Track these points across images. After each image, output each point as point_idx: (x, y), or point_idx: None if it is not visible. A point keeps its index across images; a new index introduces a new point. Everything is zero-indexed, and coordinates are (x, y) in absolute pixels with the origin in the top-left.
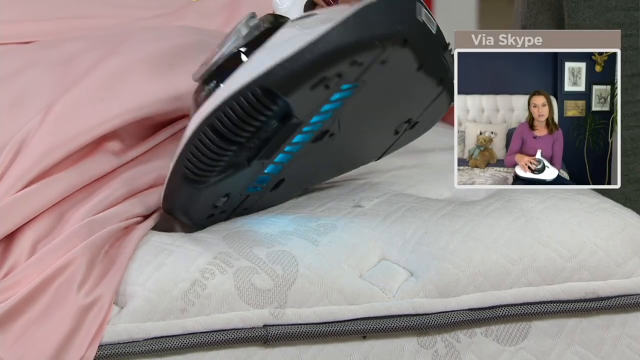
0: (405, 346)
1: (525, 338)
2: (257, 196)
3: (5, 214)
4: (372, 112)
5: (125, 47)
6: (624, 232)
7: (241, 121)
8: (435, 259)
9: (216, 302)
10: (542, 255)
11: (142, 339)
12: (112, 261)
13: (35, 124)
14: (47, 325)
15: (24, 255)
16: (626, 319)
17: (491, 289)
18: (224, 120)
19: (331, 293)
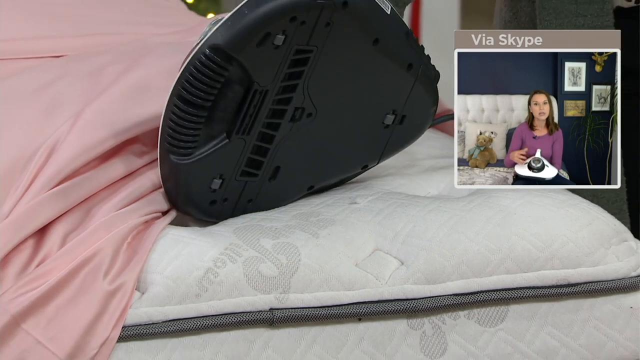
0: (397, 327)
1: (503, 320)
2: (255, 184)
3: (39, 209)
4: (342, 92)
5: (146, 60)
6: (592, 226)
7: (202, 84)
8: (423, 250)
9: (227, 288)
10: (518, 246)
11: (161, 321)
12: (134, 252)
13: (66, 129)
14: (76, 309)
15: (56, 246)
16: (593, 303)
17: (473, 276)
18: (187, 87)
19: (330, 280)
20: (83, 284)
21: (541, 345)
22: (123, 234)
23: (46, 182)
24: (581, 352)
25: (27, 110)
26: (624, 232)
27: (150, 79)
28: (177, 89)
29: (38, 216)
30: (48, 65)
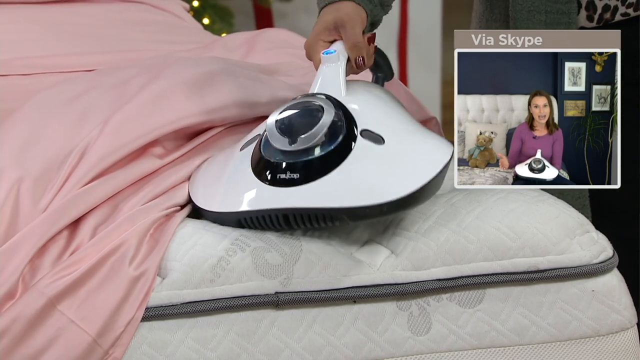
0: (387, 309)
1: (481, 302)
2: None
3: (71, 204)
4: None
5: (166, 73)
6: (558, 219)
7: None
8: (410, 240)
9: (238, 274)
10: (494, 236)
11: (179, 303)
12: (156, 242)
13: (95, 134)
14: (105, 292)
15: (87, 237)
16: (560, 287)
17: (454, 264)
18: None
19: (328, 267)
20: (111, 271)
21: (514, 324)
22: (146, 226)
23: (78, 180)
24: (549, 329)
25: (62, 117)
26: (586, 225)
27: (169, 89)
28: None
29: (71, 210)
30: (80, 78)
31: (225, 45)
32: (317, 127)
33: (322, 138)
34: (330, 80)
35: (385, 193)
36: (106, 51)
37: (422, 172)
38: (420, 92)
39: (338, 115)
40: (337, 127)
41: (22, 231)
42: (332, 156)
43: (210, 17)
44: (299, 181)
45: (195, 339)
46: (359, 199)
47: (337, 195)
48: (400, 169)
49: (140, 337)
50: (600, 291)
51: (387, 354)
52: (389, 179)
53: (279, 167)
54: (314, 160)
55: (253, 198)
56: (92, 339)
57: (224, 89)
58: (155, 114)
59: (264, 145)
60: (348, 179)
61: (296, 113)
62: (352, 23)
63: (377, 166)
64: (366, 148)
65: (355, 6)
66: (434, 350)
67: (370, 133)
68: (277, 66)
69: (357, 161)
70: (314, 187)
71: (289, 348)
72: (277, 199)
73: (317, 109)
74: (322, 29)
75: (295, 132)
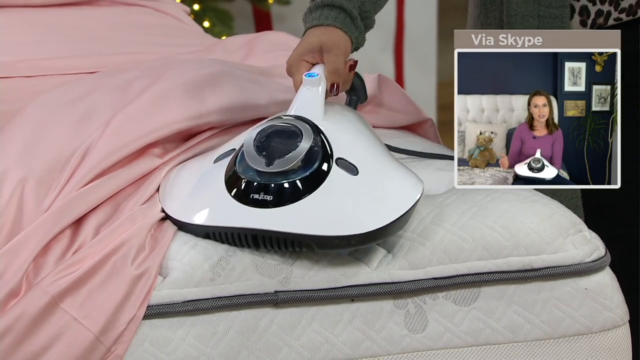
0: (384, 307)
1: (476, 300)
2: None
3: (74, 203)
4: None
5: (167, 75)
6: (552, 218)
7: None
8: (406, 240)
9: (237, 273)
10: (489, 236)
11: (180, 301)
12: (157, 241)
13: (97, 135)
14: (107, 291)
15: (89, 236)
16: (553, 285)
17: (450, 262)
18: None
19: (326, 267)
20: (113, 269)
21: (508, 321)
22: (147, 226)
23: (80, 180)
24: (543, 327)
25: (65, 118)
26: (579, 224)
27: (170, 91)
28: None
29: (73, 209)
30: (83, 80)
31: (226, 47)
32: (295, 151)
33: (299, 163)
34: (309, 103)
35: (354, 225)
36: (109, 53)
37: (392, 207)
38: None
39: (316, 141)
40: (314, 153)
41: (26, 230)
42: (306, 182)
43: (210, 20)
44: (271, 203)
45: (196, 337)
46: (328, 228)
47: (308, 223)
48: (372, 203)
49: (142, 335)
50: (593, 289)
51: (384, 351)
52: (359, 212)
53: (253, 187)
54: (288, 185)
55: (223, 214)
56: (94, 337)
57: (224, 91)
58: (157, 115)
59: (239, 161)
60: (320, 207)
61: (275, 134)
62: (337, 51)
63: (349, 197)
64: (340, 177)
65: (342, 35)
66: (430, 347)
67: (345, 162)
68: (275, 68)
69: (330, 190)
70: (286, 212)
71: (287, 346)
72: (248, 218)
73: (296, 133)
74: (306, 51)
75: (272, 153)
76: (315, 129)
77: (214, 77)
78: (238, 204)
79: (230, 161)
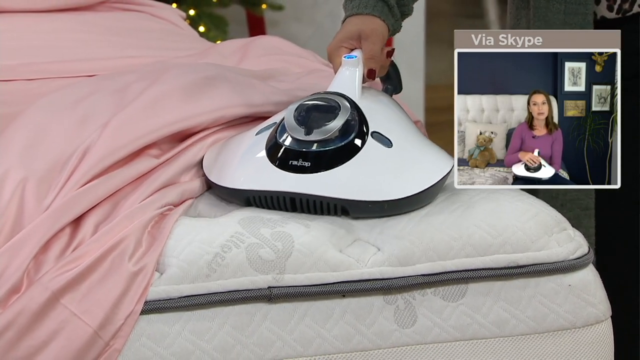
0: (374, 303)
1: (463, 296)
2: None
3: (74, 202)
4: None
5: (164, 78)
6: (537, 217)
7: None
8: (396, 238)
9: (232, 270)
10: (476, 234)
11: (176, 297)
12: (154, 238)
13: (96, 136)
14: (106, 287)
15: (88, 234)
16: (538, 281)
17: (438, 260)
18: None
19: (319, 263)
20: (111, 266)
21: (495, 317)
22: (144, 224)
23: (79, 180)
24: (528, 322)
25: (65, 120)
26: (563, 222)
27: (167, 94)
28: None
29: (73, 208)
30: (83, 83)
31: (220, 52)
32: (333, 122)
33: (336, 133)
34: (348, 82)
35: (387, 192)
36: (108, 57)
37: (424, 178)
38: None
39: (353, 115)
40: (350, 125)
41: (27, 228)
42: (343, 151)
43: (205, 25)
44: (309, 169)
45: (191, 331)
46: (363, 194)
47: (343, 188)
48: (405, 172)
49: (139, 330)
50: (577, 286)
51: (375, 345)
52: (393, 180)
53: (292, 154)
54: (325, 152)
55: (263, 179)
56: (93, 331)
57: (219, 93)
58: (154, 117)
59: (280, 131)
60: (355, 174)
61: (315, 107)
62: (374, 39)
63: (383, 166)
64: (375, 148)
65: (380, 23)
66: (419, 342)
67: (380, 135)
68: (269, 72)
69: (365, 159)
70: (323, 177)
71: (281, 340)
72: (287, 182)
73: (334, 107)
74: (345, 38)
75: (311, 124)
76: (353, 104)
77: (209, 80)
78: (278, 169)
79: (272, 132)
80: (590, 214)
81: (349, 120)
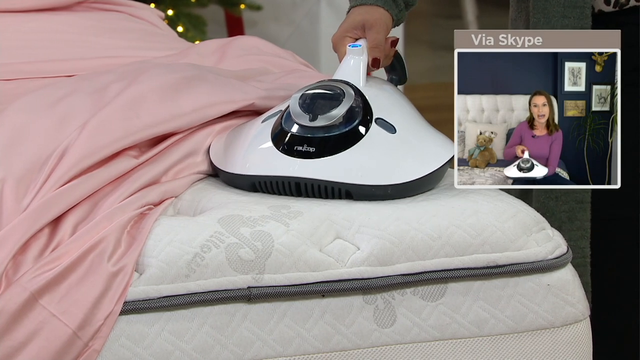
0: (354, 302)
1: (443, 296)
2: None
3: (52, 203)
4: None
5: (142, 78)
6: (516, 217)
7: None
8: (375, 237)
9: (212, 270)
10: (455, 234)
11: (156, 297)
12: (133, 239)
13: (75, 136)
14: (84, 287)
15: (67, 234)
16: (517, 281)
17: (418, 259)
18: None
19: (298, 263)
20: (90, 266)
21: (474, 316)
22: (123, 224)
23: (57, 180)
24: (507, 322)
25: (44, 120)
26: (542, 222)
27: (145, 94)
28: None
29: (52, 208)
30: (61, 83)
31: (199, 52)
32: (337, 109)
33: (340, 119)
34: (352, 70)
35: (391, 176)
36: (87, 57)
37: (427, 163)
38: None
39: (357, 102)
40: (354, 111)
41: (5, 228)
42: (347, 137)
43: (184, 25)
44: (314, 154)
45: (171, 332)
46: (367, 178)
47: (347, 172)
48: (408, 158)
49: (118, 330)
50: (555, 285)
51: (354, 345)
52: (396, 165)
53: (297, 139)
54: (330, 138)
55: (270, 164)
56: (72, 332)
57: (198, 92)
58: (133, 118)
59: (285, 118)
60: (359, 159)
61: (320, 94)
62: (378, 28)
63: (387, 152)
64: (379, 134)
65: (384, 12)
66: (398, 341)
67: (384, 122)
68: (248, 72)
69: (369, 145)
70: (327, 162)
71: (260, 340)
72: (292, 167)
73: (339, 94)
74: (350, 27)
75: (316, 110)
76: (357, 91)
77: (188, 80)
78: (283, 155)
79: (277, 119)
80: (586, 207)
81: (353, 107)
